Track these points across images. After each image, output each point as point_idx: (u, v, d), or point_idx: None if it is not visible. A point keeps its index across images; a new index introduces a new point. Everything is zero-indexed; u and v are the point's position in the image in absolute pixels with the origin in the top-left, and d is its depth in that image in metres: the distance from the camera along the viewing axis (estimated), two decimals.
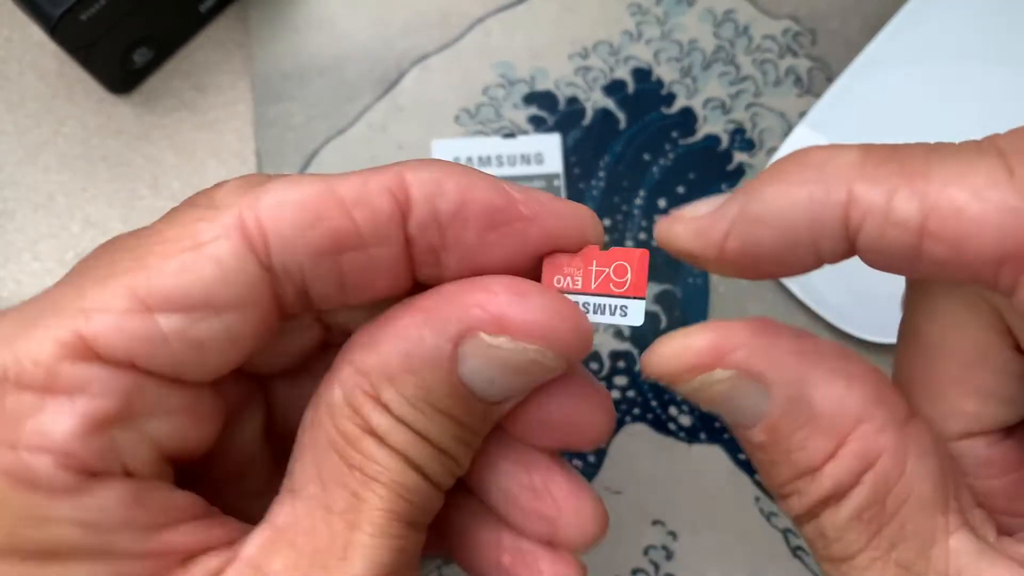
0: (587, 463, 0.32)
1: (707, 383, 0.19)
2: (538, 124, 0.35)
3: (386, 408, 0.19)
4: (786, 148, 0.33)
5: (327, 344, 0.23)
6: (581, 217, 0.20)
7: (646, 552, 0.32)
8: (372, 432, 0.19)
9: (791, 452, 0.19)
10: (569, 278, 0.20)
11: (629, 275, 0.20)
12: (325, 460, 0.19)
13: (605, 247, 0.20)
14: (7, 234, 0.35)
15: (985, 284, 0.17)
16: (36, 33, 0.36)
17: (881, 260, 0.18)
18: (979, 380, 0.19)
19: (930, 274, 0.18)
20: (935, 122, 0.33)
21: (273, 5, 0.36)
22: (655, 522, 0.32)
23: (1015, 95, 0.33)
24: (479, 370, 0.19)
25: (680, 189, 0.34)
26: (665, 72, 0.35)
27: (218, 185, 0.19)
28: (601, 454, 0.32)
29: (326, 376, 0.20)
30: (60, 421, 0.17)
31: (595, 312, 0.20)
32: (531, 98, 0.35)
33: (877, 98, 0.33)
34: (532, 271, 0.20)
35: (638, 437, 0.32)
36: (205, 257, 0.18)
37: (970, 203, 0.16)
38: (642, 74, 0.35)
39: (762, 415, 0.19)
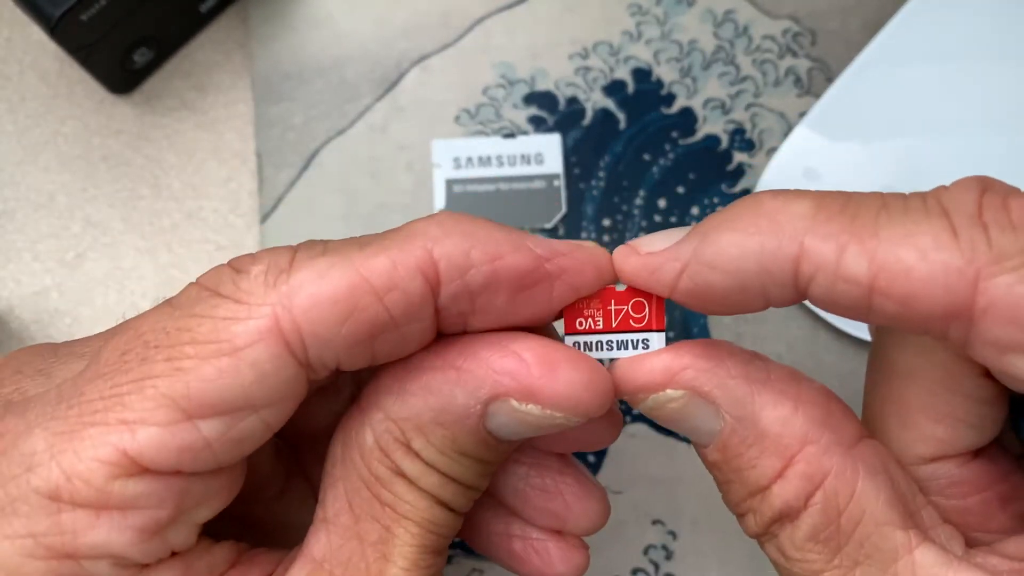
0: (587, 463, 0.32)
1: (661, 402, 0.20)
2: (538, 124, 0.35)
3: (417, 455, 0.20)
4: (786, 148, 0.33)
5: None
6: (600, 264, 0.20)
7: (646, 552, 0.32)
8: (403, 475, 0.20)
9: (743, 470, 0.20)
10: (590, 319, 0.21)
11: (647, 311, 0.21)
12: (357, 495, 0.20)
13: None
14: (7, 234, 0.35)
15: (935, 337, 0.18)
16: (36, 33, 0.36)
17: (832, 309, 0.18)
18: (948, 406, 0.19)
19: (881, 323, 0.18)
20: (935, 122, 0.33)
21: (273, 5, 0.36)
22: (655, 522, 0.32)
23: (1015, 95, 0.33)
24: (506, 425, 0.20)
25: (680, 189, 0.34)
26: (665, 72, 0.35)
27: (240, 268, 0.19)
28: (601, 454, 0.32)
29: (354, 413, 0.21)
30: (115, 536, 0.18)
31: (619, 348, 0.21)
32: (531, 98, 0.35)
33: (877, 98, 0.33)
34: (554, 315, 0.21)
35: (638, 437, 0.32)
36: (244, 363, 0.18)
37: (917, 264, 0.17)
38: (642, 74, 0.35)
39: (715, 434, 0.20)
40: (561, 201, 0.34)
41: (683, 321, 0.33)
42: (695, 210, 0.34)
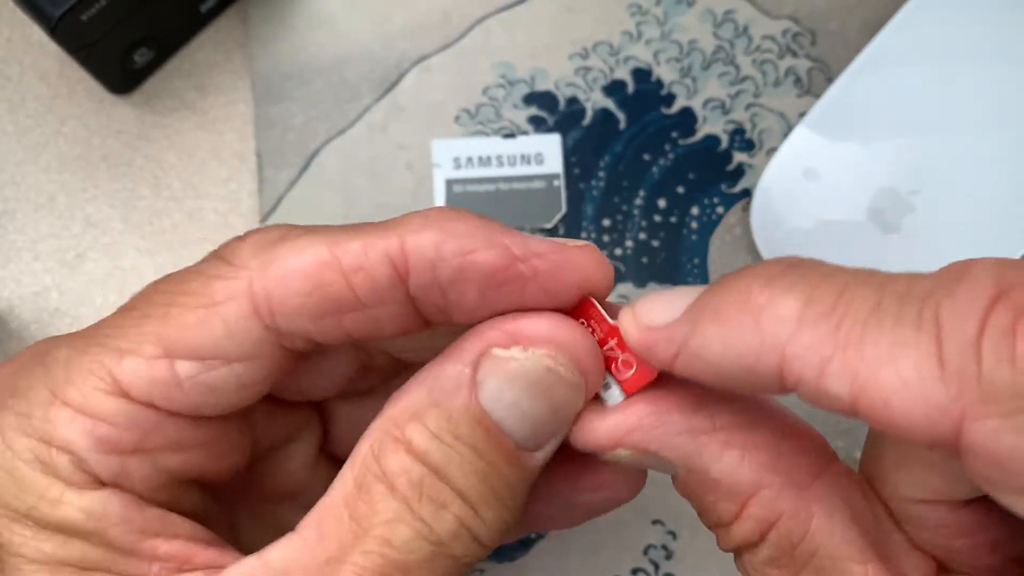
0: None
1: (616, 457, 0.21)
2: (538, 124, 0.35)
3: (408, 445, 0.19)
4: (786, 148, 0.33)
5: (369, 367, 0.25)
6: (581, 269, 0.20)
7: (646, 552, 0.32)
8: (382, 478, 0.19)
9: (705, 509, 0.20)
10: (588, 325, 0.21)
11: (635, 369, 0.20)
12: (329, 512, 0.20)
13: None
14: (8, 234, 0.35)
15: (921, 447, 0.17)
16: (36, 33, 0.36)
17: (817, 407, 0.18)
18: (946, 463, 0.19)
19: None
20: (935, 122, 0.33)
21: (273, 5, 0.36)
22: (655, 522, 0.32)
23: (1015, 95, 0.33)
24: (499, 393, 0.20)
25: (680, 189, 0.34)
26: (665, 72, 0.35)
27: (243, 237, 0.21)
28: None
29: (362, 438, 0.21)
30: (80, 438, 0.20)
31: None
32: (531, 98, 0.35)
33: (877, 98, 0.33)
34: None
35: None
36: (216, 316, 0.20)
37: (898, 394, 0.15)
38: (642, 74, 0.35)
39: (675, 474, 0.20)
40: (561, 201, 0.34)
41: None
42: (695, 210, 0.34)
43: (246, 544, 0.23)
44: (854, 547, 0.19)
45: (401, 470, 0.19)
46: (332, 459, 0.25)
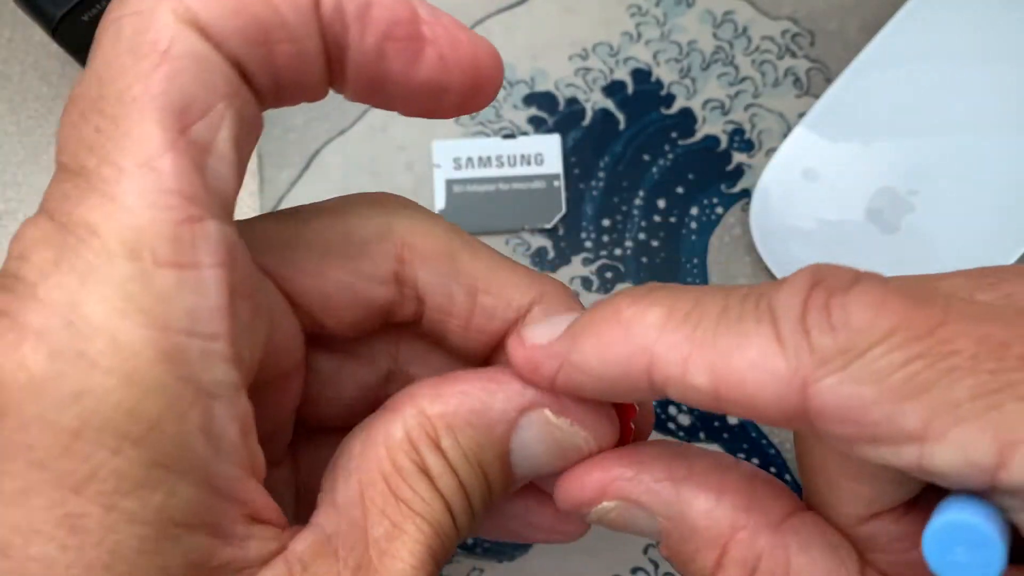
0: None
1: (601, 513, 0.21)
2: (538, 125, 0.35)
3: (443, 454, 0.20)
4: (785, 148, 0.33)
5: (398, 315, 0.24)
6: (478, 52, 0.20)
7: (646, 551, 0.32)
8: (426, 471, 0.20)
9: (687, 564, 0.21)
10: None
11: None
12: (372, 487, 0.20)
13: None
14: (9, 234, 0.35)
15: (788, 427, 0.19)
16: (38, 34, 0.36)
17: (694, 407, 0.20)
18: (863, 466, 0.20)
19: (739, 417, 0.19)
20: (934, 122, 0.33)
21: None
22: None
23: (1015, 95, 0.33)
24: (530, 443, 0.21)
25: (679, 189, 0.34)
26: (664, 73, 0.35)
27: None
28: None
29: (382, 413, 0.21)
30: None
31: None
32: (531, 99, 0.35)
33: (875, 99, 0.33)
34: (428, 96, 0.20)
35: None
36: (183, 57, 0.17)
37: (749, 374, 0.17)
38: (642, 75, 0.35)
39: (659, 532, 0.21)
40: (561, 201, 0.34)
41: None
42: (694, 210, 0.34)
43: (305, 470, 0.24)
44: None
45: (441, 473, 0.20)
46: (300, 407, 0.24)
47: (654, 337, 0.19)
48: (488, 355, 0.24)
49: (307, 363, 0.23)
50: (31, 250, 0.17)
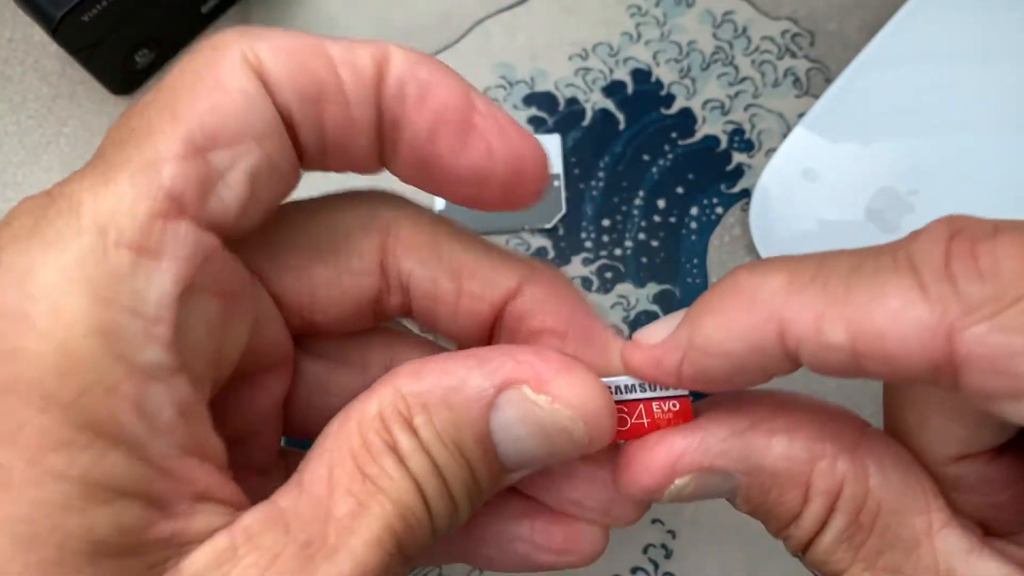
0: None
1: (677, 491, 0.21)
2: (538, 125, 0.35)
3: (414, 432, 0.20)
4: (785, 148, 0.33)
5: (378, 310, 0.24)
6: (525, 149, 0.20)
7: (645, 551, 0.32)
8: (395, 449, 0.19)
9: (771, 510, 0.21)
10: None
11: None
12: (340, 466, 0.19)
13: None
14: None
15: (927, 384, 0.18)
16: (38, 34, 0.36)
17: (828, 373, 0.19)
18: (964, 407, 0.20)
19: (876, 379, 0.19)
20: (934, 122, 0.33)
21: (274, 6, 0.36)
22: (654, 521, 0.32)
23: (1015, 95, 0.33)
24: (510, 424, 0.20)
25: (679, 189, 0.34)
26: (664, 73, 0.35)
27: (211, 37, 0.20)
28: None
29: (363, 395, 0.20)
30: (155, 279, 0.17)
31: (651, 388, 0.22)
32: (531, 99, 0.35)
33: (875, 99, 0.33)
34: (473, 185, 0.21)
35: None
36: (232, 89, 0.18)
37: (891, 325, 0.17)
38: (642, 75, 0.35)
39: (735, 489, 0.21)
40: (561, 201, 0.34)
41: None
42: (694, 210, 0.34)
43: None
44: (910, 496, 0.20)
45: (411, 452, 0.19)
46: (289, 415, 0.24)
47: (782, 300, 0.18)
48: (486, 342, 0.23)
49: (298, 370, 0.23)
50: (15, 216, 0.18)
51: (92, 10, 0.31)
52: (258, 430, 0.23)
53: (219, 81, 0.18)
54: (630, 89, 0.35)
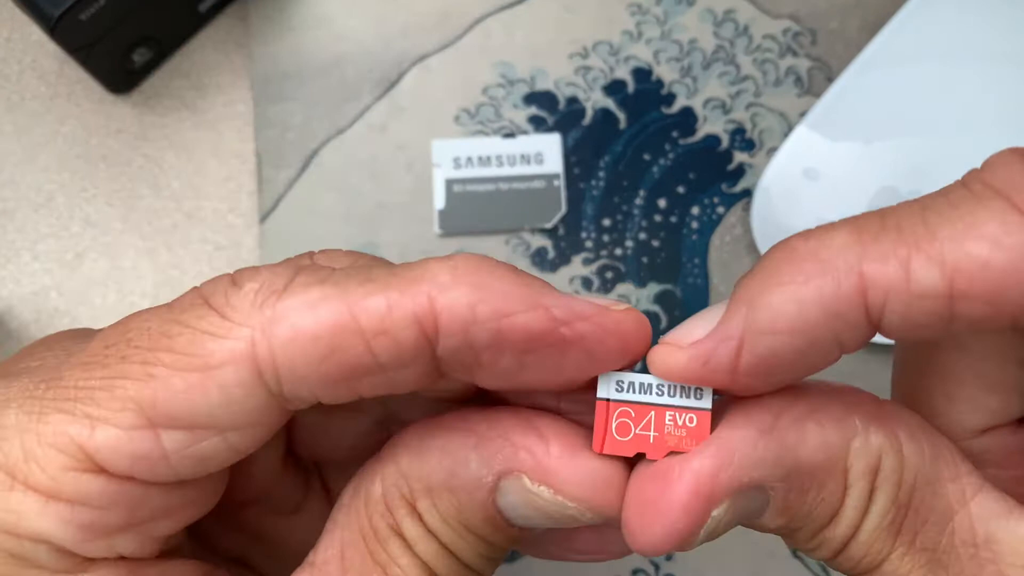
0: None
1: (714, 526, 0.18)
2: (538, 124, 0.35)
3: (419, 518, 0.19)
4: (786, 148, 0.33)
5: None
6: (628, 333, 0.18)
7: None
8: (401, 535, 0.19)
9: (810, 513, 0.18)
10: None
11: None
12: (352, 547, 0.19)
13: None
14: (7, 234, 0.35)
15: (1016, 326, 0.16)
16: (36, 33, 0.36)
17: (911, 333, 0.17)
18: (1001, 374, 0.18)
19: (963, 331, 0.17)
20: (935, 122, 0.33)
21: (273, 5, 0.36)
22: None
23: (1015, 95, 0.33)
24: (515, 506, 0.18)
25: (680, 189, 0.34)
26: (665, 72, 0.35)
27: (238, 282, 0.18)
28: None
29: (371, 462, 0.20)
30: (58, 528, 0.17)
31: (668, 394, 0.18)
32: (531, 98, 0.35)
33: (877, 98, 0.33)
34: (573, 382, 0.19)
35: None
36: (212, 382, 0.17)
37: (993, 254, 0.15)
38: (642, 74, 0.35)
39: (767, 505, 0.18)
40: (561, 201, 0.34)
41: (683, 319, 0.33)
42: (695, 210, 0.34)
43: (213, 548, 0.23)
44: (942, 464, 0.18)
45: (417, 538, 0.19)
46: (297, 462, 0.24)
47: (857, 252, 0.16)
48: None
49: (294, 419, 0.23)
50: None
51: (90, 9, 0.31)
52: (269, 488, 0.23)
53: (206, 367, 0.17)
54: (631, 88, 0.35)
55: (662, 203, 0.34)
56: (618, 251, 0.34)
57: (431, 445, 0.19)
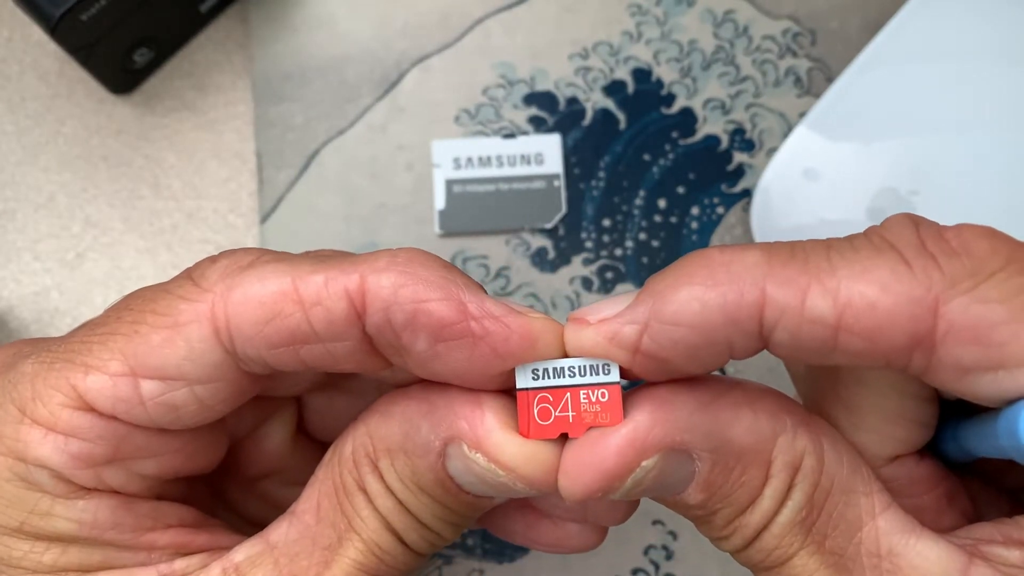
0: None
1: (639, 477, 0.19)
2: (538, 124, 0.35)
3: (380, 475, 0.21)
4: (786, 148, 0.33)
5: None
6: (534, 338, 0.19)
7: (646, 552, 0.32)
8: (364, 490, 0.21)
9: (730, 495, 0.20)
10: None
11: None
12: (327, 498, 0.21)
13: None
14: (8, 234, 0.35)
15: (896, 368, 0.18)
16: (37, 33, 0.36)
17: (795, 354, 0.18)
18: (900, 407, 0.20)
19: (842, 363, 0.19)
20: (935, 122, 0.33)
21: (273, 5, 0.36)
22: (655, 522, 0.32)
23: (1015, 95, 0.33)
24: (460, 472, 0.20)
25: (680, 189, 0.34)
26: (665, 72, 0.35)
27: (215, 259, 0.21)
28: None
29: (349, 426, 0.22)
30: (55, 455, 0.20)
31: (579, 374, 0.20)
32: (531, 98, 0.35)
33: (877, 98, 0.33)
34: (484, 376, 0.20)
35: None
36: (179, 337, 0.20)
37: (881, 297, 0.17)
38: (642, 74, 0.35)
39: (690, 478, 0.20)
40: (561, 201, 0.34)
41: None
42: (695, 210, 0.34)
43: (238, 513, 0.25)
44: (858, 477, 0.20)
45: (377, 493, 0.21)
46: (309, 438, 0.26)
47: (764, 271, 0.18)
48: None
49: (301, 401, 0.26)
50: None
51: (91, 9, 0.31)
52: (281, 462, 0.25)
53: (176, 324, 0.20)
54: (630, 88, 0.35)
55: (662, 203, 0.34)
56: (618, 251, 0.34)
57: (393, 411, 0.21)
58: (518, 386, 0.20)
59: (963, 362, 0.17)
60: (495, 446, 0.20)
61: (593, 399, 0.20)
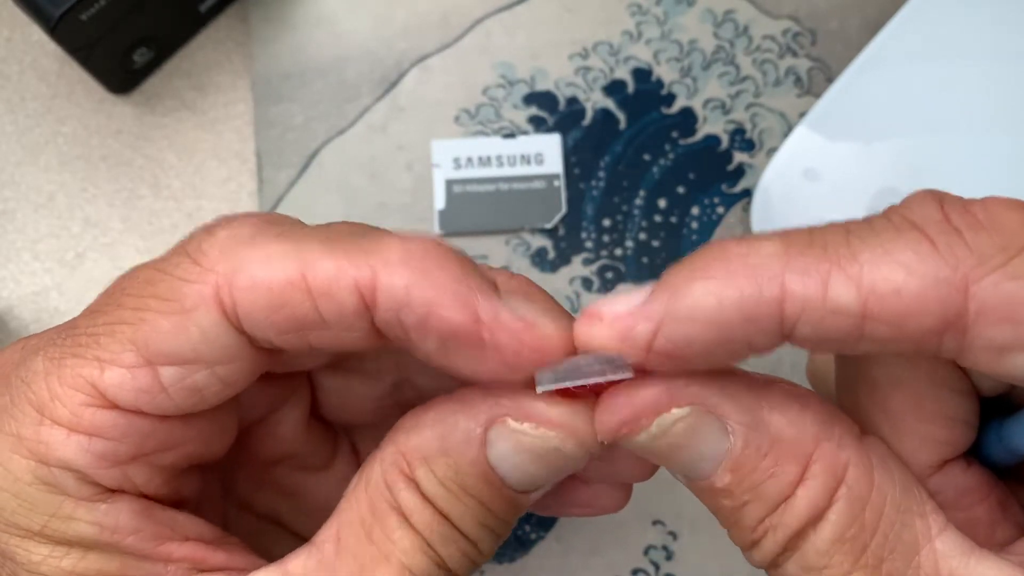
0: None
1: (666, 425, 0.19)
2: (538, 124, 0.35)
3: (417, 486, 0.20)
4: (786, 148, 0.33)
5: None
6: (544, 348, 0.19)
7: (646, 552, 0.32)
8: (398, 509, 0.20)
9: (759, 484, 0.19)
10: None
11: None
12: (348, 528, 0.20)
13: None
14: (7, 234, 0.35)
15: (927, 352, 0.17)
16: (36, 33, 0.36)
17: (820, 346, 0.18)
18: (937, 403, 0.19)
19: (869, 351, 0.18)
20: (935, 122, 0.33)
21: (273, 5, 0.36)
22: (655, 522, 0.32)
23: (1015, 95, 0.33)
24: (506, 455, 0.20)
25: (680, 189, 0.34)
26: (665, 72, 0.35)
27: (212, 230, 0.20)
28: None
29: (372, 454, 0.21)
30: (79, 456, 0.20)
31: (599, 372, 0.19)
32: (531, 98, 0.35)
33: (877, 98, 0.33)
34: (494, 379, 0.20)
35: None
36: (191, 322, 0.19)
37: (906, 280, 0.16)
38: (642, 74, 0.35)
39: (722, 455, 0.19)
40: (561, 201, 0.34)
41: None
42: (695, 210, 0.34)
43: (249, 509, 0.25)
44: (912, 498, 0.19)
45: (414, 508, 0.20)
46: (322, 422, 0.26)
47: (782, 263, 0.17)
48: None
49: (316, 383, 0.25)
50: None
51: (90, 9, 0.31)
52: (295, 447, 0.25)
53: (183, 309, 0.19)
54: (631, 88, 0.35)
55: (662, 203, 0.34)
56: (618, 251, 0.34)
57: (424, 420, 0.20)
58: (538, 389, 0.20)
59: (997, 342, 0.16)
60: (543, 409, 0.19)
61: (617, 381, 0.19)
